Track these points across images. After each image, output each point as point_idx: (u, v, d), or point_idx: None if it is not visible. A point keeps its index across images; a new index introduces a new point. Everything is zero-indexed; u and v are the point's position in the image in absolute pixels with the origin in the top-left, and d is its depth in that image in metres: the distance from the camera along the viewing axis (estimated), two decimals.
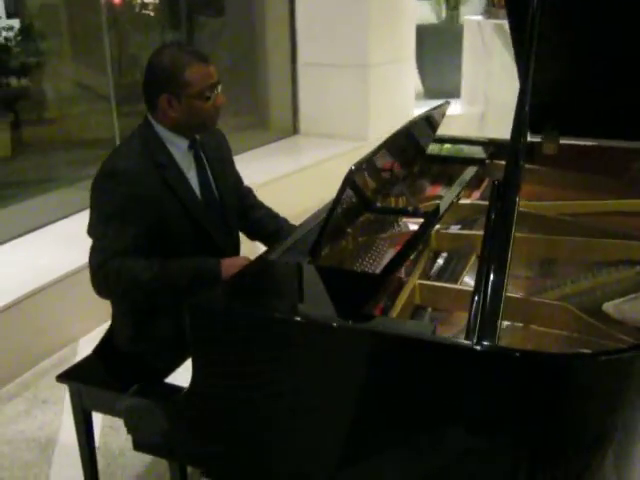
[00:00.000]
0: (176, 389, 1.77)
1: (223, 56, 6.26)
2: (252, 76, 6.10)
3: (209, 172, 2.32)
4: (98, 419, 2.48)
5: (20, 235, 4.13)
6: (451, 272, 2.01)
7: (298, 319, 1.50)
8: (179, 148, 2.22)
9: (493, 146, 2.86)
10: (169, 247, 2.18)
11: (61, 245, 3.84)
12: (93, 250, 2.13)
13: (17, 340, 3.30)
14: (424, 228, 2.05)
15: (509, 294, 1.72)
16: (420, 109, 6.15)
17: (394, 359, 1.41)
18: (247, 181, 2.68)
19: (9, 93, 6.21)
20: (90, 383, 2.22)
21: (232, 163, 2.53)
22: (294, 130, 6.03)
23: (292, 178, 4.97)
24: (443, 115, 2.53)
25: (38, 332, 3.41)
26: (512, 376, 1.34)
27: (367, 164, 1.88)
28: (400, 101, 5.86)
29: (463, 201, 2.38)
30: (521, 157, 1.84)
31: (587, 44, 2.30)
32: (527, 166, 2.67)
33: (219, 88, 2.16)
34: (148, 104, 2.19)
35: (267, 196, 2.70)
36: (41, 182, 4.90)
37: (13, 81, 6.39)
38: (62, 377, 2.26)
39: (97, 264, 2.09)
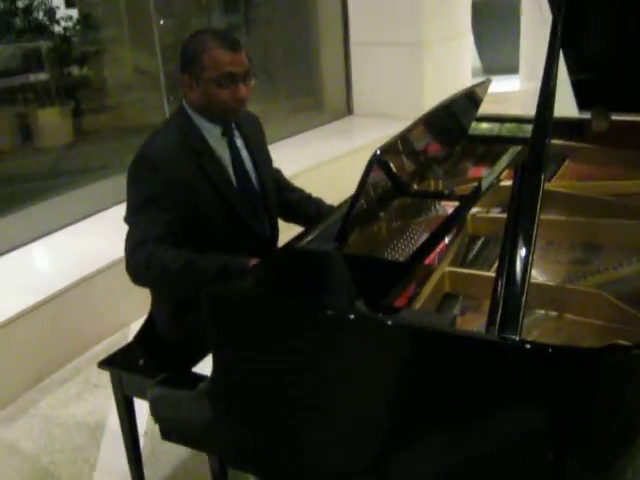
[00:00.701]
0: (200, 378, 1.76)
1: (277, 38, 6.23)
2: (305, 57, 6.06)
3: (247, 158, 2.30)
4: (146, 404, 2.52)
5: (77, 221, 4.23)
6: (485, 258, 1.93)
7: (312, 310, 1.46)
8: (213, 134, 2.20)
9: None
10: (204, 235, 2.17)
11: (116, 231, 3.90)
12: (128, 237, 2.13)
13: (71, 325, 3.38)
14: (458, 212, 1.98)
15: (542, 281, 1.65)
16: None
17: (410, 351, 1.36)
18: (302, 164, 2.64)
19: (69, 82, 6.35)
20: (130, 370, 2.24)
21: (266, 145, 2.50)
22: (348, 111, 5.96)
23: (346, 159, 4.92)
24: (485, 92, 2.43)
25: (91, 317, 3.48)
26: (534, 370, 1.27)
27: (401, 144, 1.82)
28: (456, 79, 5.72)
29: (505, 183, 2.29)
30: (547, 134, 1.74)
31: (632, 16, 2.17)
32: (575, 144, 2.57)
33: (247, 80, 2.13)
34: (180, 85, 2.19)
35: (322, 178, 2.65)
36: (99, 169, 4.99)
37: (73, 70, 6.53)
38: (104, 363, 2.29)
39: (130, 250, 2.10)
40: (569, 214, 2.06)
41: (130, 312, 3.57)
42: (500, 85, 6.19)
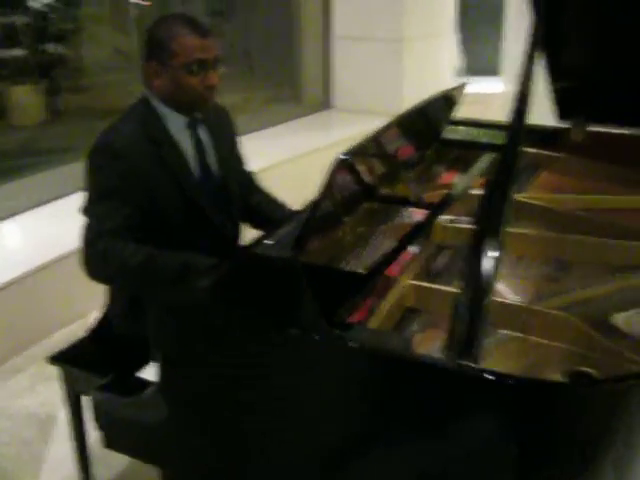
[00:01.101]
0: (146, 384, 1.67)
1: (258, 27, 6.14)
2: (286, 48, 5.97)
3: (211, 151, 2.21)
4: None
5: (44, 203, 4.11)
6: (450, 271, 1.85)
7: (253, 324, 1.39)
8: (177, 124, 2.12)
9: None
10: (163, 228, 2.10)
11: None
12: (84, 229, 2.04)
13: (28, 311, 3.28)
14: (426, 220, 1.91)
15: (508, 300, 1.59)
16: None
17: (362, 373, 1.30)
18: (278, 155, 2.55)
19: (44, 59, 6.20)
20: (80, 367, 2.16)
21: (236, 143, 2.41)
22: (326, 104, 5.88)
23: (323, 153, 4.83)
24: (460, 96, 2.37)
25: (50, 305, 3.38)
26: (491, 400, 1.21)
27: (369, 147, 1.75)
28: (436, 77, 5.65)
29: (477, 191, 2.23)
30: (519, 142, 1.66)
31: (618, 25, 2.11)
32: (551, 154, 2.51)
33: (216, 67, 2.05)
34: (142, 72, 2.10)
35: (297, 170, 2.57)
36: (70, 150, 4.87)
37: (49, 48, 6.38)
38: (54, 359, 2.20)
39: (86, 243, 2.01)
40: (541, 228, 2.00)
41: (90, 302, 3.47)
42: (482, 86, 6.13)
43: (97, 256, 1.98)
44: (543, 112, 2.43)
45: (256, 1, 6.13)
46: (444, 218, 2.05)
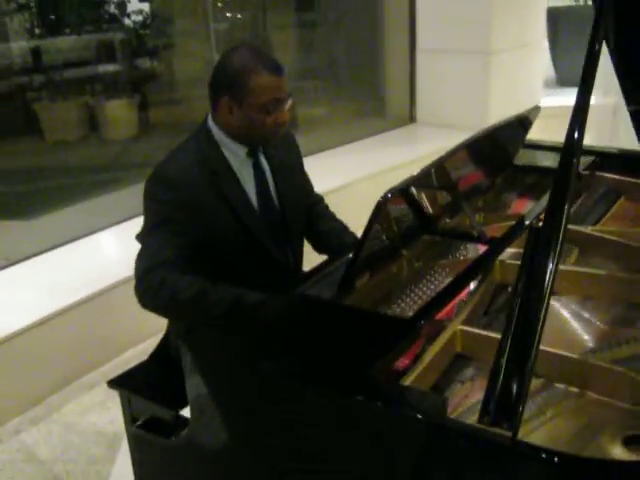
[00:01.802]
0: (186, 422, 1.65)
1: (345, 40, 6.12)
2: (370, 62, 5.92)
3: (270, 181, 2.17)
4: None
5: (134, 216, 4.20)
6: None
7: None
8: (237, 155, 2.08)
9: (599, 155, 2.51)
10: (220, 260, 2.07)
11: None
12: (138, 257, 2.03)
13: (104, 328, 3.34)
14: (487, 255, 1.80)
15: (561, 351, 1.46)
16: (552, 97, 5.76)
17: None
18: (362, 170, 2.50)
19: (138, 74, 6.39)
20: (138, 392, 2.16)
21: (301, 169, 2.36)
22: (411, 119, 5.78)
23: (406, 169, 4.74)
24: (535, 119, 2.24)
25: (125, 322, 3.43)
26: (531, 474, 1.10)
27: (432, 174, 1.66)
28: (525, 89, 5.46)
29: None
30: (573, 161, 1.52)
31: None
32: (633, 180, 2.35)
33: (288, 103, 2.01)
34: (211, 103, 2.07)
35: (381, 185, 2.48)
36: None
37: (143, 63, 6.57)
38: (112, 383, 2.22)
39: (141, 273, 2.00)
40: (613, 264, 1.86)
41: (163, 319, 3.51)
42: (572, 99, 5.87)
43: (149, 287, 1.96)
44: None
45: (342, 14, 6.11)
46: (508, 253, 1.93)
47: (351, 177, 4.57)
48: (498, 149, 2.25)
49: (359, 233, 1.61)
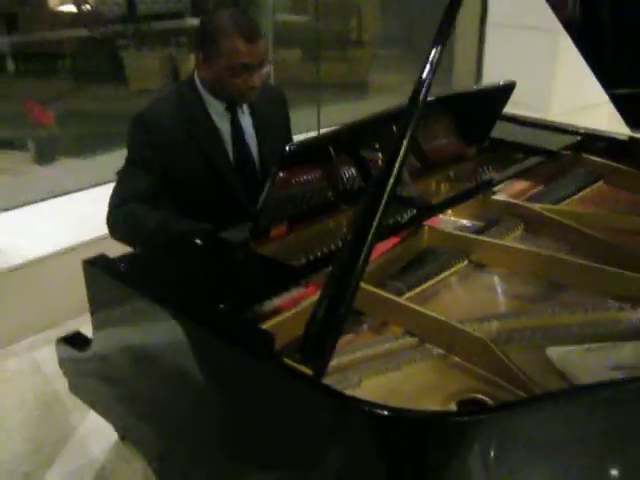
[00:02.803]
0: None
1: (411, 10, 6.06)
2: None
3: (252, 136, 2.26)
4: None
5: None
6: (412, 278, 1.75)
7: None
8: (216, 107, 2.19)
9: (585, 136, 2.44)
10: (190, 200, 2.18)
11: None
12: (113, 191, 2.18)
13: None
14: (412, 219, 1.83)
15: (436, 315, 1.49)
16: None
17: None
18: None
19: None
20: None
21: (287, 128, 2.44)
22: None
23: None
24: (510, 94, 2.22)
25: None
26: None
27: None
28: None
29: (496, 197, 2.09)
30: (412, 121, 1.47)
31: None
32: (618, 165, 2.28)
33: (260, 70, 2.09)
34: (194, 55, 2.18)
35: None
36: None
37: None
38: None
39: (112, 206, 2.15)
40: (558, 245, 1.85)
41: None
42: None
43: (119, 217, 2.11)
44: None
45: None
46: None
47: None
48: (468, 117, 2.23)
49: None
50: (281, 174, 1.59)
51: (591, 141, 2.40)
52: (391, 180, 1.32)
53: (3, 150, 4.82)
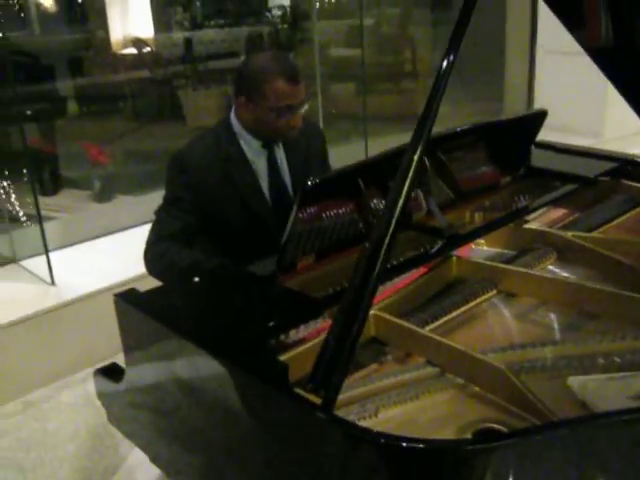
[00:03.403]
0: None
1: (468, 39, 6.06)
2: (489, 62, 5.81)
3: (287, 172, 2.31)
4: None
5: None
6: (437, 308, 1.75)
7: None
8: (252, 145, 2.24)
9: (626, 163, 2.40)
10: (226, 240, 2.23)
11: None
12: (150, 230, 2.26)
13: None
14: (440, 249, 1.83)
15: (456, 345, 1.49)
16: None
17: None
18: None
19: None
20: None
21: (324, 161, 2.47)
22: None
23: None
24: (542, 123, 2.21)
25: None
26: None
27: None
28: None
29: (529, 225, 2.07)
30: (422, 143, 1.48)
31: None
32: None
33: (302, 108, 2.15)
34: (233, 99, 2.25)
35: None
36: None
37: None
38: None
39: (149, 243, 2.23)
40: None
41: None
42: None
43: (154, 256, 2.18)
44: None
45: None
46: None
47: None
48: (501, 146, 2.23)
49: None
50: (303, 209, 1.63)
51: (630, 167, 2.36)
52: (397, 209, 1.34)
53: (67, 188, 5.03)
